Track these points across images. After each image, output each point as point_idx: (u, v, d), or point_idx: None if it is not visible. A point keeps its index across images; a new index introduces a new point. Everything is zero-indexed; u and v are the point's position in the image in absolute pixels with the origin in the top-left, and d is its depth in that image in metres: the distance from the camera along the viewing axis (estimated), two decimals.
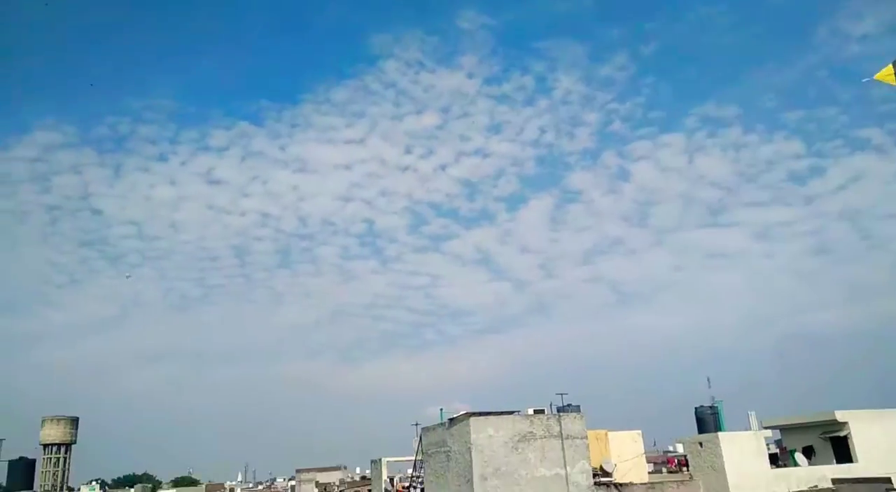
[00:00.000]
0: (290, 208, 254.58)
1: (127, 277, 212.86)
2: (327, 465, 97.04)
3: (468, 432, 16.44)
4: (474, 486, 16.01)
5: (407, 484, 25.61)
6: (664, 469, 36.23)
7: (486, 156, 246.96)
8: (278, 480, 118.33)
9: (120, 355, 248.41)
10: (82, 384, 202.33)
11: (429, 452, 19.51)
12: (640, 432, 22.85)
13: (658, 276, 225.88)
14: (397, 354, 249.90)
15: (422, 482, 21.35)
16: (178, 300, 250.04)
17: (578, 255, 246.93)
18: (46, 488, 36.44)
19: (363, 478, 78.87)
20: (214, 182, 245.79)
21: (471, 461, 16.18)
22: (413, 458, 23.73)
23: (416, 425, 24.21)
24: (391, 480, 28.10)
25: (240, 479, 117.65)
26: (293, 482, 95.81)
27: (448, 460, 17.77)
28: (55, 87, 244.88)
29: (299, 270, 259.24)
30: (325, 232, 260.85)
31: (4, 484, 36.13)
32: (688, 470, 21.00)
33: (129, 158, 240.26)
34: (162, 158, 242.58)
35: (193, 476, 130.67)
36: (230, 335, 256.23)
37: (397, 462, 28.97)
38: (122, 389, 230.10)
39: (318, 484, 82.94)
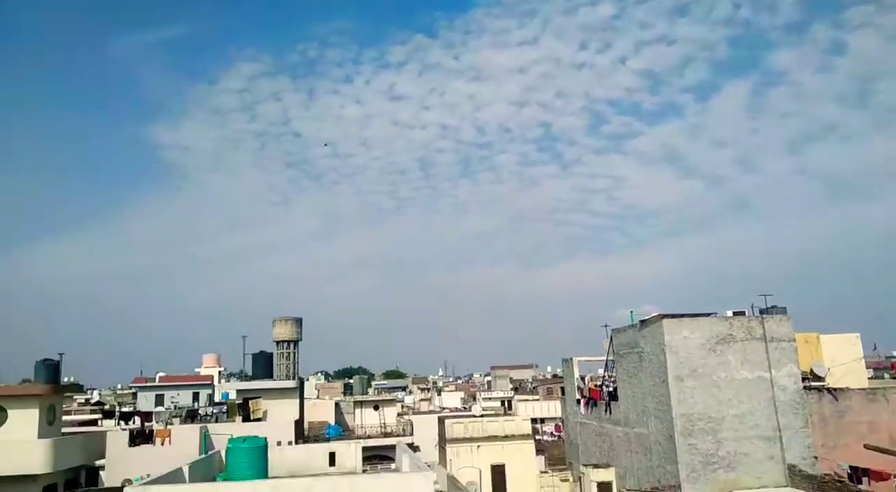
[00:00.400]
0: (468, 118, 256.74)
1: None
2: (520, 363, 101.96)
3: (661, 334, 16.19)
4: (669, 386, 15.91)
5: (599, 383, 26.09)
6: (886, 375, 33.19)
7: (670, 43, 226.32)
8: (475, 375, 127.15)
9: (329, 264, 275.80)
10: (302, 289, 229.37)
11: (620, 353, 19.60)
12: (857, 335, 20.92)
13: (882, 163, 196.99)
14: (580, 259, 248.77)
15: (614, 382, 21.62)
16: (375, 213, 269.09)
17: (782, 145, 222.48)
18: (282, 377, 42.55)
19: (554, 376, 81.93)
20: (396, 98, 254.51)
21: (665, 362, 16.01)
22: (604, 358, 23.99)
23: (606, 326, 24.22)
24: (582, 378, 28.76)
25: (441, 373, 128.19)
26: (489, 378, 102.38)
27: (641, 361, 17.74)
28: (250, 19, 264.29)
29: (480, 179, 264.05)
30: (503, 139, 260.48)
31: (250, 373, 42.92)
32: None
33: (320, 82, 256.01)
34: (348, 80, 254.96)
35: (401, 370, 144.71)
36: (422, 243, 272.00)
37: (588, 362, 29.44)
38: (335, 293, 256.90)
39: (511, 380, 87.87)
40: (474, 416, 40.12)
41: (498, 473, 34.98)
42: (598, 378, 26.75)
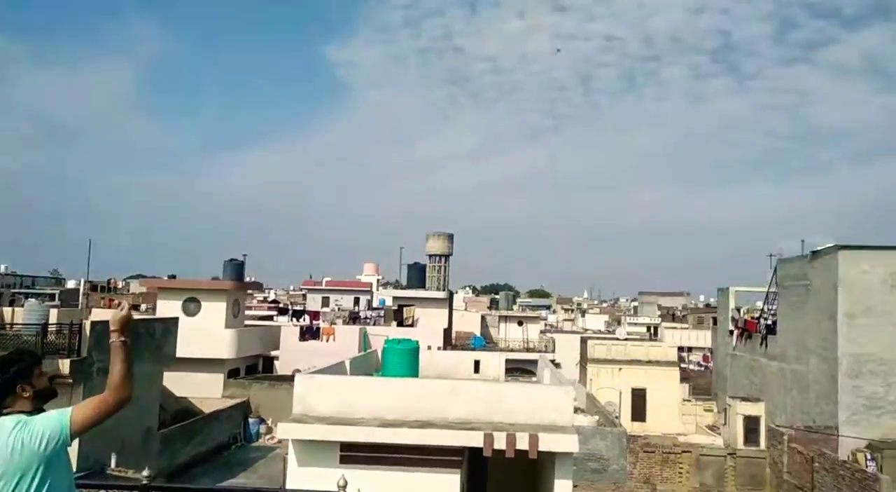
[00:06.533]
0: (636, 28, 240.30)
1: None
2: (670, 290, 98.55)
3: (835, 266, 14.93)
4: (838, 323, 14.79)
5: (756, 315, 24.73)
6: None
7: None
8: (621, 300, 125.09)
9: (484, 182, 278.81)
10: (456, 205, 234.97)
11: (784, 285, 18.41)
12: None
13: None
14: (754, 183, 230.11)
15: (773, 315, 20.43)
16: (532, 131, 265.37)
17: None
18: (433, 288, 44.71)
19: (707, 306, 78.42)
20: (560, 9, 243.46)
21: (836, 298, 14.83)
22: (765, 290, 22.61)
23: (771, 256, 22.71)
24: (738, 310, 27.40)
25: (586, 295, 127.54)
26: (636, 303, 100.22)
27: (807, 295, 16.57)
28: None
29: (645, 95, 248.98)
30: (673, 51, 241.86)
31: (405, 283, 45.55)
32: None
33: None
34: None
35: (546, 290, 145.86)
36: (581, 163, 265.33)
37: (746, 293, 27.96)
38: (488, 211, 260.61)
39: (660, 307, 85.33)
40: (618, 339, 39.92)
41: (638, 396, 34.91)
42: (756, 310, 25.36)
